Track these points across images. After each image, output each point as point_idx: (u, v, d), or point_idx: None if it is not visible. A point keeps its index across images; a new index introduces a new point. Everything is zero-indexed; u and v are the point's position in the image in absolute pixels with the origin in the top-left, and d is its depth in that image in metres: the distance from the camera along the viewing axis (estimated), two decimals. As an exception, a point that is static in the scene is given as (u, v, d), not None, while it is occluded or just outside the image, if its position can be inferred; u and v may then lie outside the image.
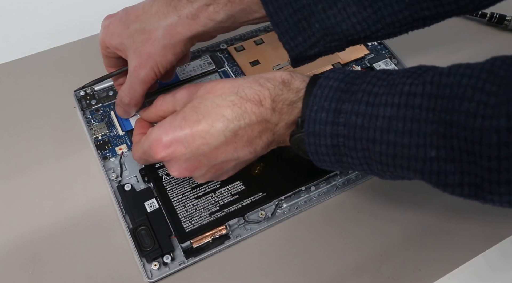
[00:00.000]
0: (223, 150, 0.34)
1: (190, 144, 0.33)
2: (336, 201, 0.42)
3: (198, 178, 0.37)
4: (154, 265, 0.37)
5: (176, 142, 0.34)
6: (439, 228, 0.41)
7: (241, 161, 0.35)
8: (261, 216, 0.40)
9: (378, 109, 0.29)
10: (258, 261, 0.39)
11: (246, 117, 0.33)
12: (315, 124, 0.31)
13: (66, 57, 0.52)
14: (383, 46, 0.52)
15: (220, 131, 0.33)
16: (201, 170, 0.35)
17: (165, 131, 0.34)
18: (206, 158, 0.34)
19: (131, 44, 0.37)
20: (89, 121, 0.45)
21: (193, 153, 0.34)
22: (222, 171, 0.36)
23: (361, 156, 0.31)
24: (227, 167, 0.36)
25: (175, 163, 0.35)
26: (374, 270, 0.38)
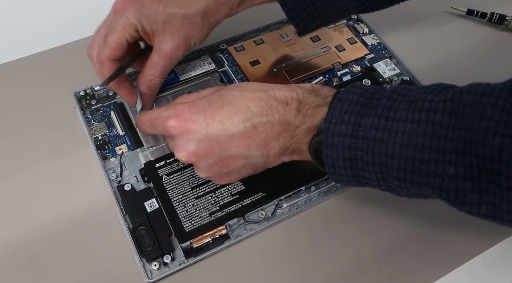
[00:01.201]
0: (238, 143, 0.33)
1: (208, 125, 0.33)
2: (336, 201, 0.42)
3: (201, 170, 0.36)
4: (154, 265, 0.37)
5: (195, 119, 0.33)
6: (439, 228, 0.41)
7: (250, 162, 0.35)
8: (261, 216, 0.40)
9: (398, 124, 0.29)
10: (258, 261, 0.39)
11: (270, 114, 0.33)
12: (334, 136, 0.31)
13: (66, 57, 0.52)
14: (383, 46, 0.52)
15: (241, 121, 0.33)
16: (208, 159, 0.35)
17: (188, 106, 0.34)
18: (219, 146, 0.34)
19: (169, 28, 0.39)
20: (89, 121, 0.45)
21: (207, 135, 0.33)
22: (228, 169, 0.36)
23: (378, 171, 0.31)
24: (235, 165, 0.35)
25: (186, 142, 0.34)
26: (374, 270, 0.38)
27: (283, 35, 0.53)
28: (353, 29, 0.54)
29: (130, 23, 0.39)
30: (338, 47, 0.52)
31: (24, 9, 0.57)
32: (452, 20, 0.56)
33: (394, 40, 0.53)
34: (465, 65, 0.52)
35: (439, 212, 0.42)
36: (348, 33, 0.53)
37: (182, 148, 0.34)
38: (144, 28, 0.39)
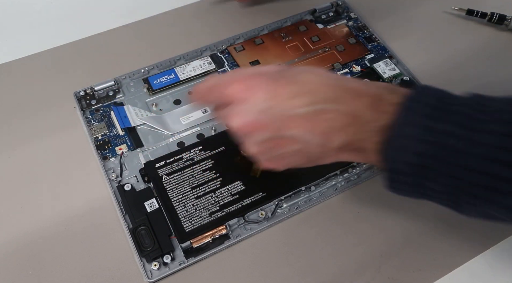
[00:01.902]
0: (300, 124, 0.30)
1: (275, 97, 0.30)
2: (336, 201, 0.42)
3: (252, 144, 0.32)
4: (154, 265, 0.37)
5: (262, 88, 0.31)
6: (439, 228, 0.41)
7: (306, 150, 0.31)
8: (261, 216, 0.40)
9: (480, 136, 0.27)
10: (258, 261, 0.39)
11: (340, 102, 0.30)
12: (403, 139, 0.28)
13: (66, 57, 0.52)
14: (383, 46, 0.52)
15: (309, 102, 0.30)
16: (263, 134, 0.31)
17: (258, 73, 0.32)
18: (279, 122, 0.30)
19: None
20: (89, 121, 0.45)
21: (270, 106, 0.30)
22: (281, 150, 0.32)
23: (448, 184, 0.28)
24: (289, 148, 0.32)
25: (245, 109, 0.31)
26: (374, 270, 0.38)
27: (283, 35, 0.53)
28: (353, 29, 0.54)
29: None
30: (338, 47, 0.52)
31: (24, 9, 0.57)
32: (452, 20, 0.56)
33: (394, 40, 0.53)
34: (465, 65, 0.52)
35: (439, 212, 0.41)
36: (348, 33, 0.53)
37: (240, 115, 0.31)
38: None
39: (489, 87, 0.50)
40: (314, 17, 0.55)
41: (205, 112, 0.46)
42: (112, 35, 0.54)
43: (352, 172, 0.43)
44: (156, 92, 0.47)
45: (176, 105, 0.47)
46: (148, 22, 0.56)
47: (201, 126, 0.45)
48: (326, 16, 0.55)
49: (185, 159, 0.42)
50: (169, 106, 0.47)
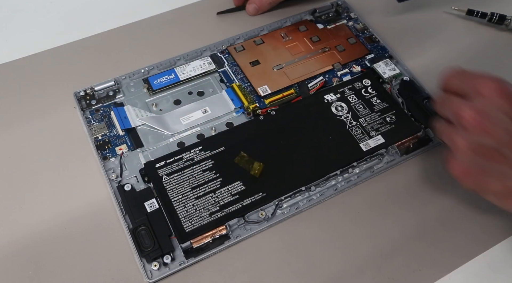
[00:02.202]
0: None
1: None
2: (336, 201, 0.42)
3: (470, 142, 0.30)
4: (154, 265, 0.37)
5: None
6: (439, 228, 0.41)
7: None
8: (261, 216, 0.40)
9: None
10: (258, 262, 0.39)
11: None
12: None
13: (66, 57, 0.52)
14: (383, 46, 0.52)
15: None
16: (489, 139, 0.29)
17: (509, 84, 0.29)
18: (509, 137, 0.28)
19: None
20: (89, 121, 0.45)
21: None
22: (492, 165, 0.30)
23: None
24: (502, 168, 0.29)
25: (487, 106, 0.29)
26: (374, 270, 0.38)
27: (283, 35, 0.53)
28: (353, 29, 0.54)
29: None
30: (338, 47, 0.52)
31: (24, 9, 0.57)
32: (452, 20, 0.56)
33: (394, 40, 0.53)
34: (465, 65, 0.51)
35: (439, 213, 0.42)
36: (348, 33, 0.53)
37: (479, 110, 0.29)
38: None
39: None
40: (314, 17, 0.55)
41: (205, 112, 0.46)
42: (112, 35, 0.54)
43: (352, 172, 0.43)
44: (156, 92, 0.47)
45: (176, 105, 0.47)
46: (148, 22, 0.56)
47: (201, 126, 0.45)
48: (326, 16, 0.55)
49: (185, 159, 0.42)
50: (169, 106, 0.47)
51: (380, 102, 0.46)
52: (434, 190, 0.43)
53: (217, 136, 0.44)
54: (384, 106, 0.46)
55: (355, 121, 0.45)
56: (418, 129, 0.45)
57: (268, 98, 0.47)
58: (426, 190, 0.43)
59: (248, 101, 0.47)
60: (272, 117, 0.45)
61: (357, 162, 0.43)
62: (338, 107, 0.46)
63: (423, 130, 0.45)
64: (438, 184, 0.43)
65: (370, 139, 0.44)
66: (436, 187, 0.43)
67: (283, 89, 0.48)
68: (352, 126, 0.45)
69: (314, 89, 0.48)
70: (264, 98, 0.47)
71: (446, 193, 0.43)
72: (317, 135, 0.44)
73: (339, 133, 0.44)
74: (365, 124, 0.45)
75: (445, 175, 0.44)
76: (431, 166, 0.44)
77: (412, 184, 0.43)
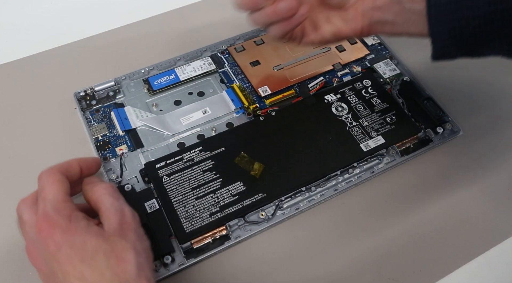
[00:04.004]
0: None
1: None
2: (336, 202, 0.42)
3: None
4: (154, 266, 0.37)
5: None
6: (439, 229, 0.41)
7: None
8: (262, 216, 0.40)
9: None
10: (258, 262, 0.39)
11: None
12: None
13: (66, 57, 0.52)
14: (383, 47, 0.52)
15: None
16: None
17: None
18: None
19: None
20: (89, 122, 0.45)
21: None
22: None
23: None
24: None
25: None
26: (374, 270, 0.38)
27: (283, 36, 0.53)
28: (353, 29, 0.54)
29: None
30: (338, 47, 0.52)
31: (24, 9, 0.57)
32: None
33: (394, 40, 0.53)
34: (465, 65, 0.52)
35: (439, 213, 0.42)
36: (348, 34, 0.53)
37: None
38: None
39: (489, 86, 0.50)
40: (314, 18, 0.55)
41: (205, 112, 0.46)
42: (112, 35, 0.54)
43: (353, 173, 0.43)
44: (157, 92, 0.47)
45: (176, 106, 0.47)
46: (148, 22, 0.56)
47: (201, 127, 0.45)
48: (327, 17, 0.55)
49: (186, 160, 0.42)
50: (170, 106, 0.47)
51: (381, 103, 0.46)
52: (434, 191, 0.43)
53: (218, 137, 0.44)
54: (384, 106, 0.46)
55: (355, 121, 0.45)
56: (418, 129, 0.45)
57: (268, 99, 0.47)
58: (426, 191, 0.43)
59: (248, 102, 0.47)
60: (273, 117, 0.45)
61: (358, 163, 0.43)
62: (338, 107, 0.46)
63: (423, 131, 0.45)
64: (439, 185, 0.43)
65: (370, 139, 0.44)
66: (436, 188, 0.43)
67: (283, 90, 0.48)
68: (352, 126, 0.45)
69: (314, 90, 0.48)
70: (264, 99, 0.47)
71: (446, 194, 0.43)
72: (317, 135, 0.44)
73: (339, 134, 0.44)
74: (366, 125, 0.45)
75: (445, 175, 0.44)
76: (431, 166, 0.44)
77: (412, 184, 0.43)
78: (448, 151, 0.45)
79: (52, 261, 0.30)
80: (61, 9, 0.57)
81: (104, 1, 0.58)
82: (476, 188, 0.43)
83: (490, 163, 0.45)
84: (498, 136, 0.47)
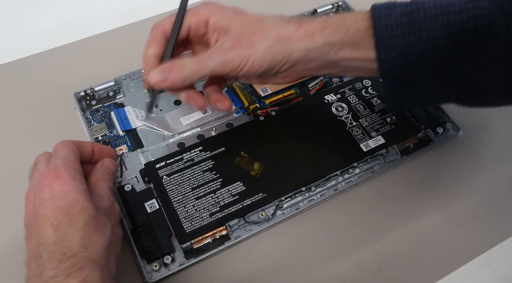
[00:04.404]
0: None
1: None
2: (336, 202, 0.42)
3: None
4: (155, 266, 0.37)
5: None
6: (439, 229, 0.41)
7: None
8: (262, 216, 0.40)
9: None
10: (258, 262, 0.39)
11: None
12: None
13: (66, 57, 0.52)
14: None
15: None
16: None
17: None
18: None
19: (239, 29, 0.36)
20: (89, 122, 0.45)
21: None
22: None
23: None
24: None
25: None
26: (374, 271, 0.38)
27: (283, 36, 0.52)
28: (353, 29, 0.54)
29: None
30: (338, 47, 0.52)
31: (25, 10, 0.57)
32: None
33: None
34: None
35: (439, 213, 0.42)
36: (348, 34, 0.53)
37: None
38: (220, 28, 0.37)
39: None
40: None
41: (206, 113, 0.46)
42: (112, 35, 0.54)
43: (353, 173, 0.43)
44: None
45: (176, 106, 0.47)
46: (148, 22, 0.55)
47: (201, 127, 0.45)
48: (327, 17, 0.55)
49: (186, 160, 0.42)
50: (170, 106, 0.47)
51: (381, 103, 0.46)
52: (434, 191, 0.43)
53: (218, 137, 0.44)
54: (384, 106, 0.46)
55: (355, 121, 0.45)
56: (418, 129, 0.45)
57: (268, 99, 0.47)
58: (426, 191, 0.43)
59: (249, 102, 0.47)
60: (273, 117, 0.45)
61: (358, 163, 0.43)
62: (338, 107, 0.46)
63: (423, 131, 0.45)
64: (438, 185, 0.43)
65: (370, 139, 0.44)
66: (436, 188, 0.43)
67: (284, 90, 0.48)
68: (352, 126, 0.45)
69: (314, 90, 0.48)
70: (265, 99, 0.47)
71: (446, 194, 0.43)
72: (317, 135, 0.44)
73: (339, 134, 0.44)
74: (366, 125, 0.45)
75: (446, 175, 0.44)
76: (431, 166, 0.44)
77: (412, 184, 0.43)
78: (448, 151, 0.45)
79: (40, 205, 0.32)
80: (61, 9, 0.57)
81: (104, 2, 0.58)
82: (476, 188, 0.43)
83: (490, 163, 0.45)
84: (498, 136, 0.47)
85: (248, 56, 0.35)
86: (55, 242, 0.30)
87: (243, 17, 0.37)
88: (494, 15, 0.31)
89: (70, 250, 0.30)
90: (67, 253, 0.30)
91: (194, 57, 0.36)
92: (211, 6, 0.38)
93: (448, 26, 0.31)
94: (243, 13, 0.37)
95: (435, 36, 0.32)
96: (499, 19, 0.31)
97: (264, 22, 0.36)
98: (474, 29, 0.31)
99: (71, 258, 0.30)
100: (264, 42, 0.35)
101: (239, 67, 0.35)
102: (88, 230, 0.31)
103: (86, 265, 0.30)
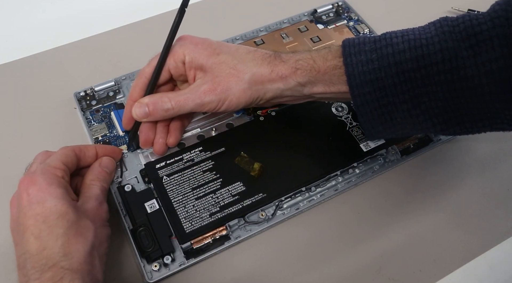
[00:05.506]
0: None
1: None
2: (336, 202, 0.42)
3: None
4: (155, 266, 0.37)
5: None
6: (439, 230, 0.41)
7: None
8: (262, 217, 0.40)
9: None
10: (258, 262, 0.39)
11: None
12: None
13: (66, 58, 0.52)
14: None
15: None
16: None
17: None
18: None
19: (215, 71, 0.38)
20: (89, 122, 0.45)
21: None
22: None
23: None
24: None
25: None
26: (374, 271, 0.38)
27: (283, 36, 0.53)
28: (353, 29, 0.54)
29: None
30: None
31: (25, 10, 0.57)
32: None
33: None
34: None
35: (439, 213, 0.42)
36: (348, 33, 0.53)
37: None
38: (197, 67, 0.39)
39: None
40: (314, 18, 0.55)
41: (206, 112, 0.46)
42: (112, 35, 0.54)
43: (353, 173, 0.43)
44: (156, 92, 0.47)
45: (176, 106, 0.47)
46: (148, 22, 0.56)
47: (201, 127, 0.45)
48: (327, 17, 0.55)
49: (186, 160, 0.42)
50: (169, 106, 0.47)
51: (381, 103, 0.46)
52: (434, 191, 0.43)
53: (218, 137, 0.44)
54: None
55: (355, 121, 0.45)
56: (419, 129, 0.45)
57: (268, 99, 0.47)
58: (426, 191, 0.43)
59: (248, 102, 0.47)
60: (273, 117, 0.45)
61: (358, 163, 0.43)
62: (338, 107, 0.46)
63: (423, 131, 0.45)
64: (438, 185, 0.43)
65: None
66: (436, 188, 0.43)
67: (283, 90, 0.48)
68: (352, 126, 0.45)
69: (314, 90, 0.47)
70: (264, 99, 0.47)
71: (446, 194, 0.43)
72: (317, 135, 0.44)
73: (339, 134, 0.44)
74: (366, 125, 0.45)
75: (445, 175, 0.44)
76: (432, 166, 0.44)
77: (412, 184, 0.43)
78: (448, 151, 0.45)
79: (20, 213, 0.32)
80: (61, 9, 0.57)
81: (104, 2, 0.58)
82: (476, 188, 0.43)
83: (490, 163, 0.45)
84: (498, 136, 0.47)
85: (225, 99, 0.38)
86: (36, 251, 0.31)
87: (218, 57, 0.38)
88: (461, 47, 0.31)
89: (50, 260, 0.30)
90: (47, 264, 0.30)
91: (175, 96, 0.38)
92: (185, 44, 0.40)
93: (417, 59, 0.33)
94: (217, 51, 0.39)
95: (404, 70, 0.33)
96: (466, 51, 0.31)
97: (239, 63, 0.38)
98: (442, 61, 0.32)
99: (52, 268, 0.30)
100: (240, 85, 0.38)
101: (216, 108, 0.38)
102: (69, 237, 0.31)
103: (66, 275, 0.30)
